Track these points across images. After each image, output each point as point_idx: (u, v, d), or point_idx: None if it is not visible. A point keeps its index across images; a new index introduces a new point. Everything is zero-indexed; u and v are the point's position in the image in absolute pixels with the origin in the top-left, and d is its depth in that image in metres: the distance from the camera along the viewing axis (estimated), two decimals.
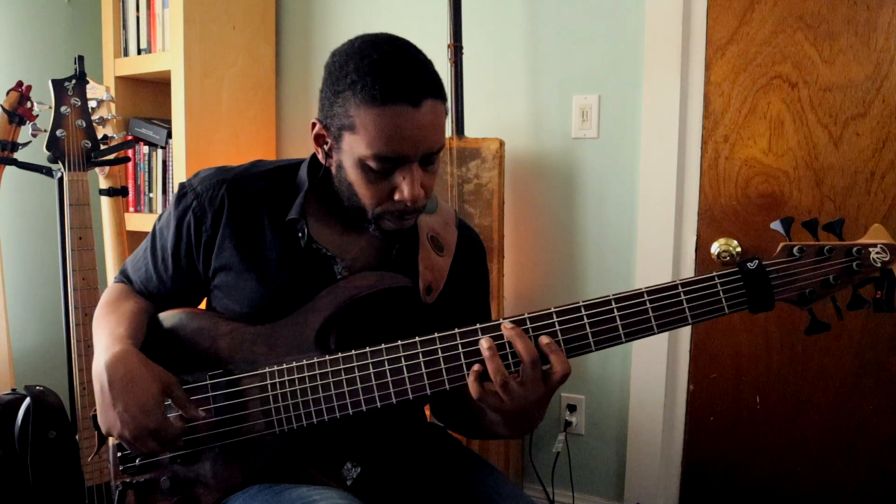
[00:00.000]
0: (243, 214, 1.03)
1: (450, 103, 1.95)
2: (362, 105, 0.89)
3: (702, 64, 1.84)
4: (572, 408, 2.04)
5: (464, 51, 1.96)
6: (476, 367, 0.89)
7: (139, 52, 2.16)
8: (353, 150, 0.92)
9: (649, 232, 1.89)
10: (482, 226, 1.91)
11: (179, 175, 2.07)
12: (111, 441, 1.01)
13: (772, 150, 1.80)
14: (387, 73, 0.88)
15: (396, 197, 0.93)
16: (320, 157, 1.01)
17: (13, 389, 1.61)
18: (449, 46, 1.95)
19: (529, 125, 2.03)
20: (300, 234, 1.02)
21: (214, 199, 1.03)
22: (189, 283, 1.08)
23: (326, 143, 0.98)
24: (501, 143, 1.91)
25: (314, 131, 0.99)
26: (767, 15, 1.77)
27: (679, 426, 1.96)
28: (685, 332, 1.93)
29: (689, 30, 1.84)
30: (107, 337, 1.00)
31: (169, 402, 0.96)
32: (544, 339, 0.88)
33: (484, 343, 0.89)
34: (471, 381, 0.89)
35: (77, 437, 1.56)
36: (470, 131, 1.99)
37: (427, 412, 1.24)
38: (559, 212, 2.01)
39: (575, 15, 1.95)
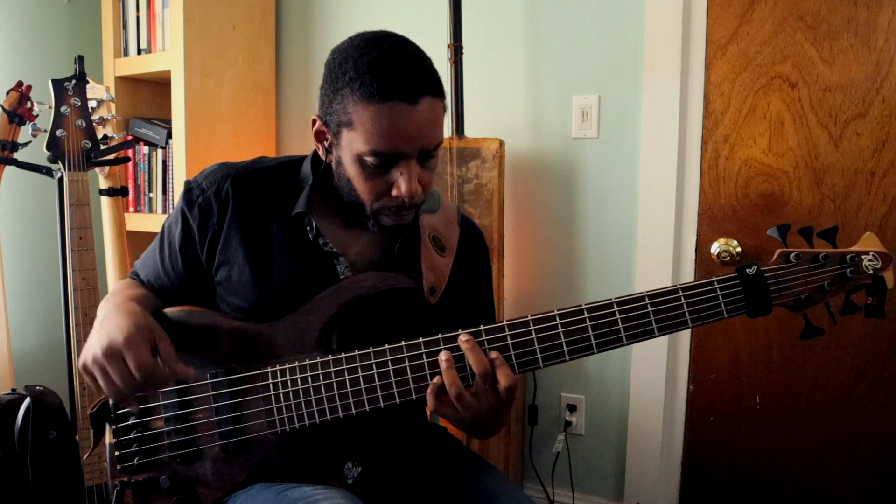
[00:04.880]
0: (249, 208, 1.04)
1: (450, 103, 1.95)
2: (360, 102, 0.90)
3: (702, 64, 1.84)
4: (572, 408, 2.04)
5: (464, 51, 1.96)
6: (436, 379, 0.91)
7: (139, 52, 2.16)
8: (351, 146, 0.94)
9: (649, 232, 1.89)
10: (482, 226, 1.90)
11: (179, 175, 2.07)
12: (108, 439, 1.01)
13: (772, 150, 1.80)
14: (385, 71, 0.89)
15: (394, 193, 0.95)
16: (320, 152, 1.03)
17: (13, 389, 1.61)
18: (449, 46, 1.95)
19: (529, 125, 2.03)
20: (308, 228, 1.03)
21: (220, 193, 1.04)
22: (196, 280, 1.08)
23: (326, 140, 0.99)
24: (501, 143, 1.91)
25: (314, 128, 1.00)
26: (767, 15, 1.77)
27: (679, 426, 1.96)
28: (685, 333, 1.93)
29: (689, 30, 1.84)
30: (112, 302, 1.01)
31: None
32: (492, 354, 0.90)
33: (442, 356, 0.91)
34: (428, 393, 0.91)
35: (77, 437, 1.56)
36: (470, 131, 1.99)
37: (427, 411, 1.24)
38: (559, 212, 2.01)
39: (575, 15, 1.95)
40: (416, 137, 0.92)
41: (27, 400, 1.53)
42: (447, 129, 1.97)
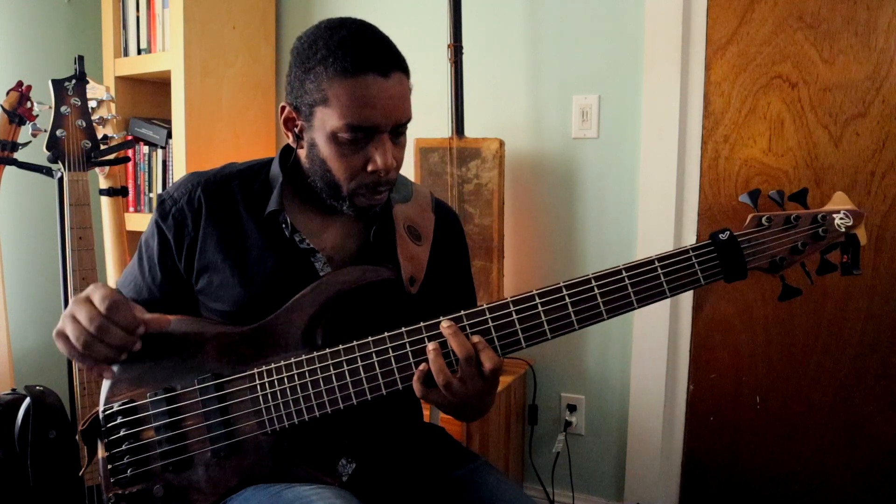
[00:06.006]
0: (222, 213, 1.04)
1: (450, 103, 1.95)
2: (334, 77, 0.92)
3: (702, 64, 1.84)
4: (572, 408, 2.04)
5: (464, 51, 1.96)
6: (421, 366, 0.91)
7: (139, 52, 2.16)
8: (325, 124, 0.94)
9: (649, 232, 1.89)
10: (482, 226, 1.91)
11: (179, 175, 2.07)
12: (101, 454, 1.01)
13: (772, 150, 1.80)
14: (357, 46, 0.92)
15: (370, 168, 0.96)
16: (291, 140, 1.03)
17: (13, 389, 1.61)
18: (449, 46, 1.95)
19: (529, 125, 2.03)
20: (284, 225, 1.03)
21: (192, 202, 1.05)
22: (178, 291, 1.08)
23: (297, 126, 1.00)
24: (501, 143, 1.91)
25: (283, 115, 1.01)
26: (767, 15, 1.77)
27: (679, 426, 1.96)
28: (685, 333, 1.93)
29: (689, 30, 1.84)
30: None
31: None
32: (474, 338, 0.91)
33: (430, 346, 0.91)
34: (414, 381, 0.91)
35: (77, 437, 1.56)
36: (470, 131, 1.99)
37: (426, 412, 1.24)
38: (559, 212, 2.01)
39: (575, 15, 1.95)
40: (389, 109, 0.93)
41: (27, 400, 1.53)
42: (447, 130, 1.97)
